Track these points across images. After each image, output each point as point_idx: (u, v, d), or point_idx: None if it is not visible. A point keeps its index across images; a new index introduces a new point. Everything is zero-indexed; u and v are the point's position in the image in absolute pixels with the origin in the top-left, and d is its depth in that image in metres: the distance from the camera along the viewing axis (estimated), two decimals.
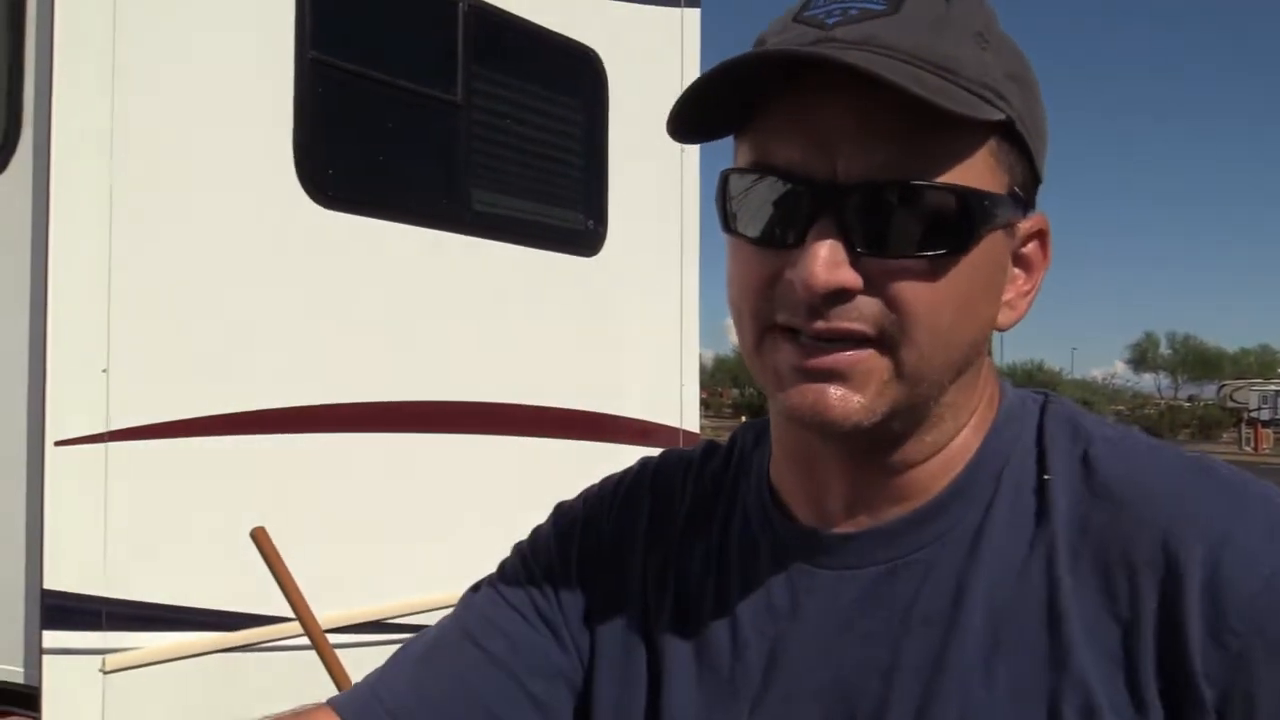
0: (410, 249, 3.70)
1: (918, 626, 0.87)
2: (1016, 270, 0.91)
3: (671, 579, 1.01)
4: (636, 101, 4.56)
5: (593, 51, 4.44)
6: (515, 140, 4.26)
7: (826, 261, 0.79)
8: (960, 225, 0.82)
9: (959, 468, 0.91)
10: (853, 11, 0.82)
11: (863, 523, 0.92)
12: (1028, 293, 0.92)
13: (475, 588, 1.09)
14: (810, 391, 0.83)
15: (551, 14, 4.24)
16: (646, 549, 1.04)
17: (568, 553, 1.06)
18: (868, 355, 0.82)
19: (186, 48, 3.12)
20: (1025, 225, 0.90)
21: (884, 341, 0.82)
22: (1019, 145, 0.86)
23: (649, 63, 4.69)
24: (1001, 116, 0.82)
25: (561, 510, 1.12)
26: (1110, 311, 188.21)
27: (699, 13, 5.00)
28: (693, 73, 4.88)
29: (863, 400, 0.83)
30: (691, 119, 0.87)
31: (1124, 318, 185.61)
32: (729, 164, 0.90)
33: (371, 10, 3.66)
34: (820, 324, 0.81)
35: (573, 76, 4.45)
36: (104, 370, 2.87)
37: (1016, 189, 0.87)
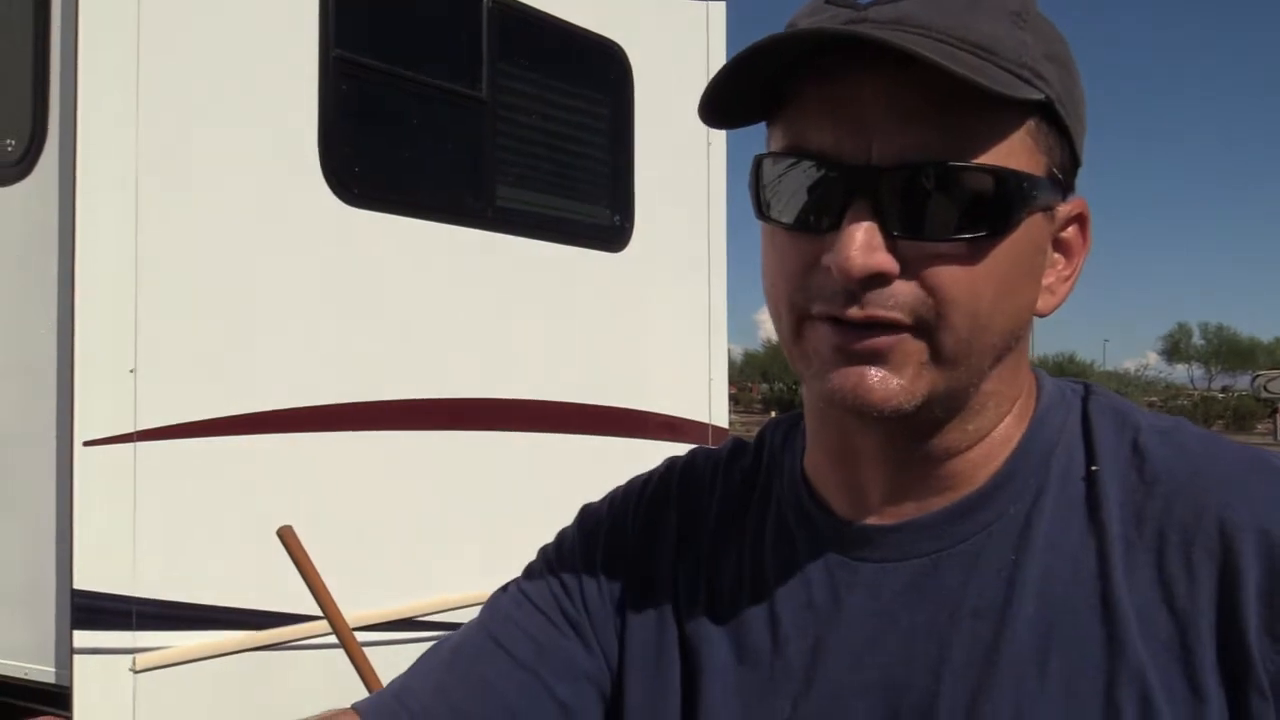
0: (436, 246, 3.69)
1: (966, 620, 0.86)
2: (1056, 255, 0.90)
3: (704, 580, 1.00)
4: (662, 96, 4.55)
5: (618, 46, 4.43)
6: (540, 136, 4.26)
7: (863, 245, 0.78)
8: (999, 207, 0.81)
9: (1003, 457, 0.90)
10: None
11: (905, 514, 0.91)
12: (1068, 278, 0.91)
13: (501, 591, 1.08)
14: (851, 374, 0.82)
15: (576, 9, 4.23)
16: (676, 550, 1.03)
17: (593, 555, 1.05)
18: (905, 338, 0.81)
19: (209, 48, 3.12)
20: (1065, 209, 0.88)
21: (921, 327, 0.81)
22: (1058, 127, 0.85)
23: (675, 57, 4.69)
24: (1040, 96, 0.81)
25: (587, 512, 1.11)
26: (1142, 302, 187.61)
27: (724, 5, 4.98)
28: (719, 67, 4.87)
29: (902, 382, 0.81)
30: (723, 103, 0.86)
31: (1156, 308, 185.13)
32: (756, 155, 0.88)
33: (395, 7, 3.66)
34: (856, 310, 0.80)
35: (598, 72, 4.44)
36: (131, 370, 2.87)
37: (1056, 171, 0.85)
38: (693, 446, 1.12)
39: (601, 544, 1.05)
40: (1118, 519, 0.85)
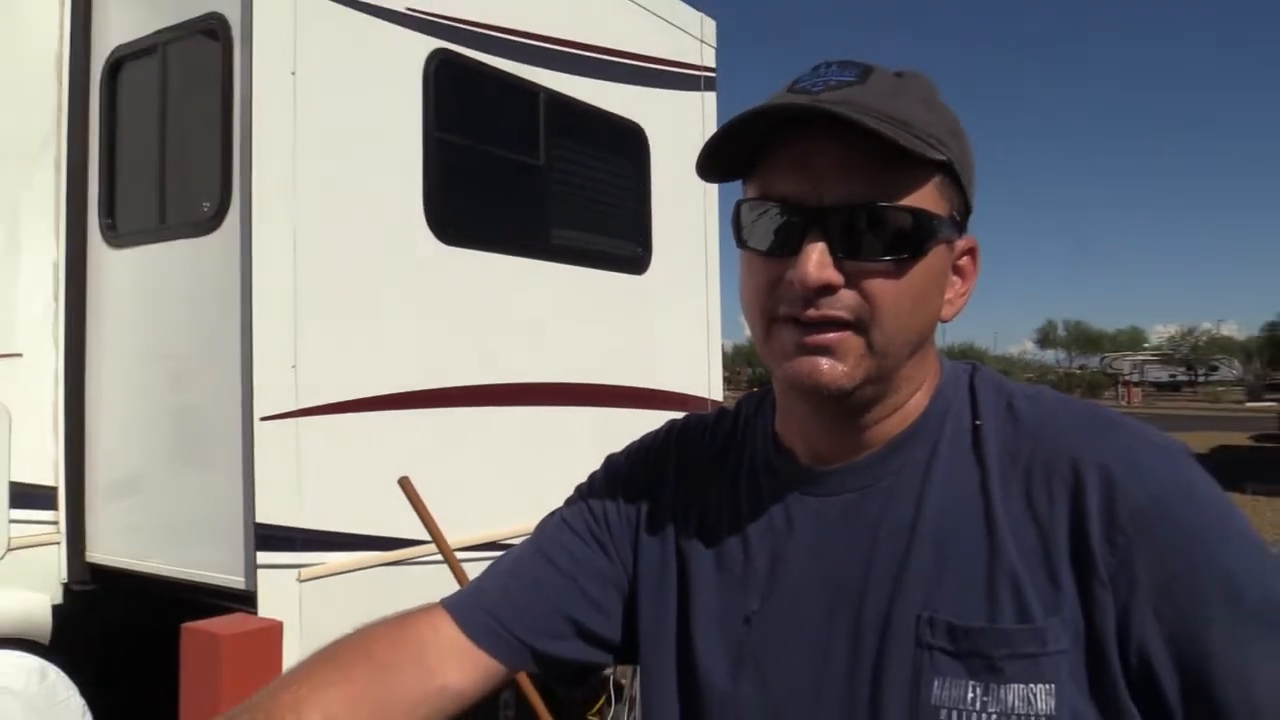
0: (508, 272, 3.69)
1: (885, 536, 0.86)
2: (954, 277, 0.91)
3: (695, 509, 1.00)
4: (671, 161, 4.54)
5: (639, 126, 4.42)
6: (583, 191, 4.26)
7: (817, 263, 0.80)
8: (915, 237, 0.82)
9: (913, 418, 0.90)
10: (832, 82, 0.83)
11: (841, 460, 0.91)
12: (964, 294, 0.92)
13: (548, 517, 1.09)
14: (808, 363, 0.83)
15: (608, 100, 4.22)
16: (675, 487, 1.03)
17: (614, 491, 1.06)
18: (847, 335, 0.82)
19: (345, 132, 3.13)
20: (961, 243, 0.89)
21: (859, 325, 0.82)
22: (956, 182, 0.86)
23: (679, 133, 4.67)
24: (944, 158, 0.82)
25: (610, 460, 1.11)
26: (1021, 302, 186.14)
27: (715, 95, 4.96)
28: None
29: (845, 368, 0.82)
30: (714, 162, 0.87)
31: (1031, 307, 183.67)
32: (736, 201, 0.90)
33: (477, 101, 3.65)
34: (812, 311, 0.81)
35: (625, 144, 4.42)
36: (293, 366, 2.89)
37: (955, 214, 0.87)
38: (688, 413, 1.13)
39: (620, 483, 1.06)
40: (996, 459, 0.86)
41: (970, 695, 0.79)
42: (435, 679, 0.95)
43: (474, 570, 2.65)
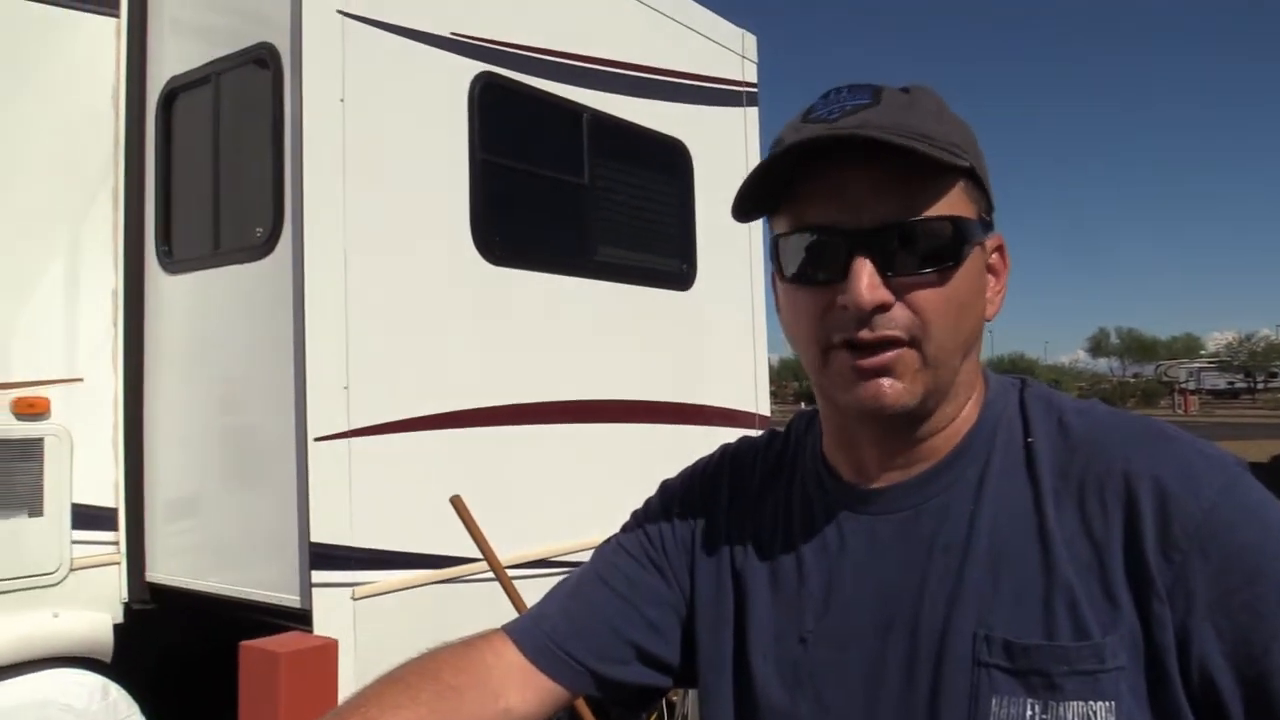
0: (554, 291, 3.72)
1: (939, 553, 0.86)
2: (989, 276, 0.91)
3: (749, 530, 1.01)
4: (714, 176, 4.54)
5: (682, 143, 4.43)
6: (627, 209, 4.27)
7: (869, 285, 0.80)
8: (954, 245, 0.83)
9: (963, 434, 0.90)
10: (847, 107, 0.84)
11: (893, 479, 0.91)
12: (1000, 291, 0.93)
13: (605, 543, 1.10)
14: (870, 386, 0.83)
15: (650, 117, 4.25)
16: (729, 510, 1.04)
17: (670, 515, 1.07)
18: (903, 351, 0.82)
19: (393, 157, 3.17)
20: (990, 242, 0.90)
21: (913, 341, 0.82)
22: (978, 185, 0.87)
23: (722, 148, 4.68)
24: (966, 164, 0.83)
25: (665, 485, 1.12)
26: (1072, 311, 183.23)
27: (757, 110, 4.96)
28: (754, 155, 4.85)
29: (905, 385, 0.83)
30: (748, 204, 0.89)
31: (1082, 316, 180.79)
32: (773, 237, 0.91)
33: (521, 123, 3.69)
34: (867, 333, 0.82)
35: (668, 161, 4.43)
36: (345, 388, 2.93)
37: (983, 215, 0.88)
38: (741, 434, 1.13)
39: (675, 507, 1.07)
40: (1048, 475, 0.85)
41: (1029, 713, 0.78)
42: (499, 702, 0.96)
43: (526, 588, 2.68)
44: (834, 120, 0.83)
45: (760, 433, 1.12)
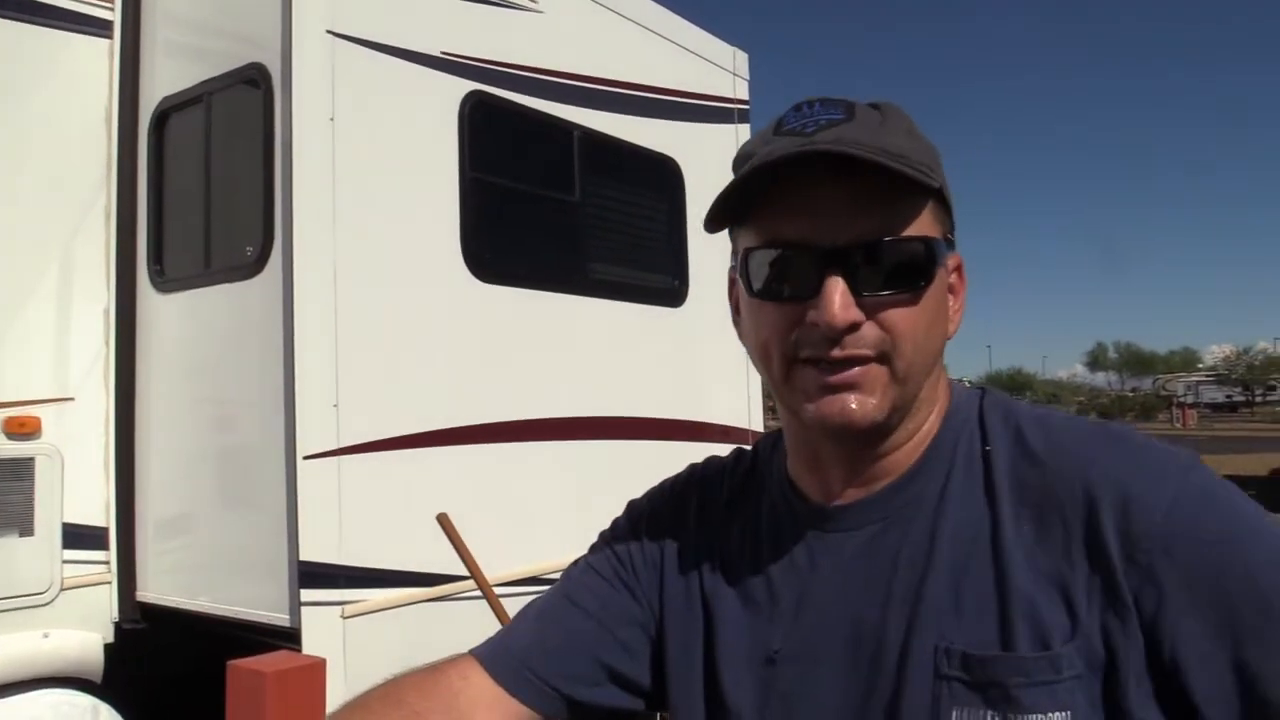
0: (546, 308, 3.72)
1: (902, 568, 0.86)
2: (949, 295, 0.91)
3: (718, 550, 1.00)
4: (705, 193, 4.50)
5: (673, 160, 4.45)
6: (618, 226, 4.29)
7: (842, 305, 0.80)
8: (925, 264, 0.83)
9: (923, 448, 0.90)
10: (822, 121, 0.84)
11: (856, 495, 0.91)
12: (959, 309, 0.93)
13: (573, 564, 1.09)
14: (836, 401, 0.83)
15: (641, 135, 4.26)
16: (697, 529, 1.03)
17: (638, 534, 1.06)
18: (872, 368, 0.82)
19: (384, 175, 3.18)
20: (951, 261, 0.90)
21: (881, 357, 0.82)
22: (944, 205, 0.87)
23: (714, 165, 4.68)
24: (938, 184, 0.83)
25: (632, 505, 1.12)
26: (1070, 326, 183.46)
27: (748, 127, 4.98)
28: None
29: (875, 401, 0.83)
30: (720, 218, 0.88)
31: (1079, 330, 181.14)
32: (744, 248, 0.89)
33: (512, 141, 3.70)
34: (838, 352, 0.82)
35: (659, 178, 4.45)
36: (335, 406, 2.93)
37: (947, 235, 0.88)
38: (734, 449, 1.13)
39: (644, 526, 1.06)
40: (1006, 485, 0.86)
41: None
42: None
43: (514, 605, 2.67)
44: (810, 134, 0.83)
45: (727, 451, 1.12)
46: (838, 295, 0.80)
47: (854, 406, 0.83)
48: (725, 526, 1.01)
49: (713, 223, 0.89)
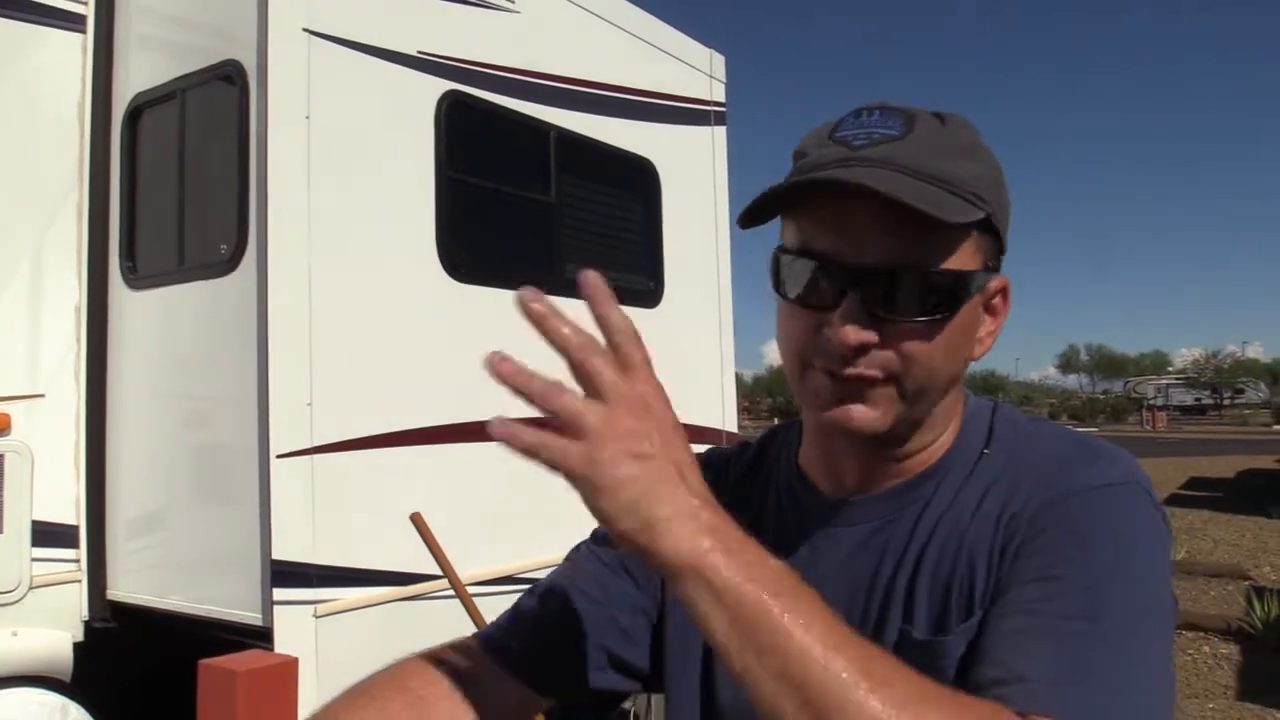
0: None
1: (886, 561, 0.90)
2: (986, 316, 0.92)
3: None
4: (681, 195, 4.57)
5: (649, 161, 4.46)
6: (595, 226, 4.29)
7: (855, 327, 0.81)
8: (951, 298, 0.84)
9: (939, 455, 0.93)
10: (875, 135, 0.84)
11: (866, 491, 0.94)
12: (993, 332, 0.94)
13: (575, 548, 1.10)
14: (840, 410, 0.85)
15: (618, 136, 4.27)
16: None
17: None
18: (879, 386, 0.84)
19: (358, 175, 3.18)
20: (994, 284, 0.91)
21: (891, 377, 0.84)
22: (993, 232, 0.87)
23: (690, 167, 4.71)
24: (982, 216, 0.83)
25: None
26: (1042, 327, 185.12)
27: (725, 129, 5.01)
28: (722, 174, 4.88)
29: (877, 414, 0.85)
30: (754, 218, 0.88)
31: (1052, 332, 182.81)
32: (775, 249, 0.91)
33: (488, 140, 3.71)
34: (849, 370, 0.84)
35: (635, 179, 4.46)
36: (308, 404, 2.92)
37: (989, 262, 0.89)
38: (708, 446, 1.14)
39: None
40: (977, 483, 0.90)
41: None
42: (470, 710, 0.95)
43: (486, 605, 2.67)
44: (858, 148, 0.83)
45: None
46: (852, 315, 0.81)
47: (855, 417, 0.84)
48: (730, 514, 1.03)
49: (748, 219, 0.88)
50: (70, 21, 3.39)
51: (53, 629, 3.17)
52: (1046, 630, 0.75)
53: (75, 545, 3.27)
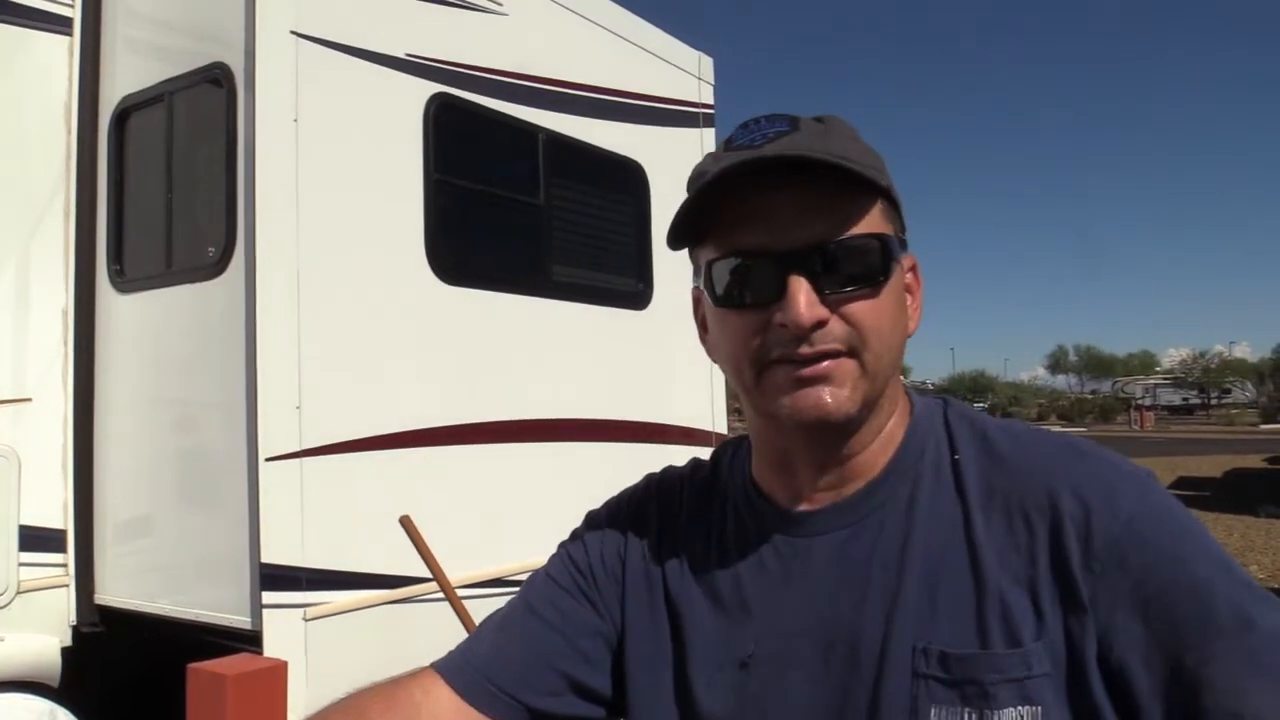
0: (510, 311, 3.72)
1: (877, 571, 0.88)
2: (906, 294, 0.94)
3: (681, 559, 1.01)
4: (670, 197, 4.54)
5: (638, 163, 4.47)
6: (583, 228, 4.30)
7: (808, 303, 0.83)
8: (882, 260, 0.86)
9: (891, 453, 0.93)
10: (770, 134, 0.87)
11: (826, 499, 0.93)
12: (917, 307, 0.96)
13: (534, 575, 1.09)
14: (811, 394, 0.85)
15: (606, 138, 4.28)
16: (658, 538, 1.04)
17: (598, 545, 1.07)
18: (843, 360, 0.85)
19: (347, 178, 3.17)
20: (906, 261, 0.93)
21: (851, 352, 0.84)
22: (894, 206, 0.90)
23: (679, 169, 4.67)
24: (886, 184, 0.86)
25: (591, 516, 1.12)
26: (1031, 329, 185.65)
27: (714, 130, 5.02)
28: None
29: (846, 393, 0.85)
30: (680, 236, 0.91)
31: (1041, 332, 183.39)
32: (706, 261, 0.92)
33: (476, 143, 3.70)
34: (807, 349, 0.84)
35: (624, 182, 4.47)
36: (297, 407, 2.91)
37: (900, 235, 0.91)
38: (699, 452, 1.14)
39: (603, 537, 1.07)
40: (975, 491, 0.88)
41: None
42: None
43: (476, 608, 2.67)
44: (758, 147, 0.85)
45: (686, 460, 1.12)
46: (802, 295, 0.82)
47: (828, 399, 0.85)
48: (688, 534, 1.02)
49: (675, 240, 0.92)
50: (57, 24, 3.38)
51: (40, 634, 3.15)
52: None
53: (63, 549, 3.25)
